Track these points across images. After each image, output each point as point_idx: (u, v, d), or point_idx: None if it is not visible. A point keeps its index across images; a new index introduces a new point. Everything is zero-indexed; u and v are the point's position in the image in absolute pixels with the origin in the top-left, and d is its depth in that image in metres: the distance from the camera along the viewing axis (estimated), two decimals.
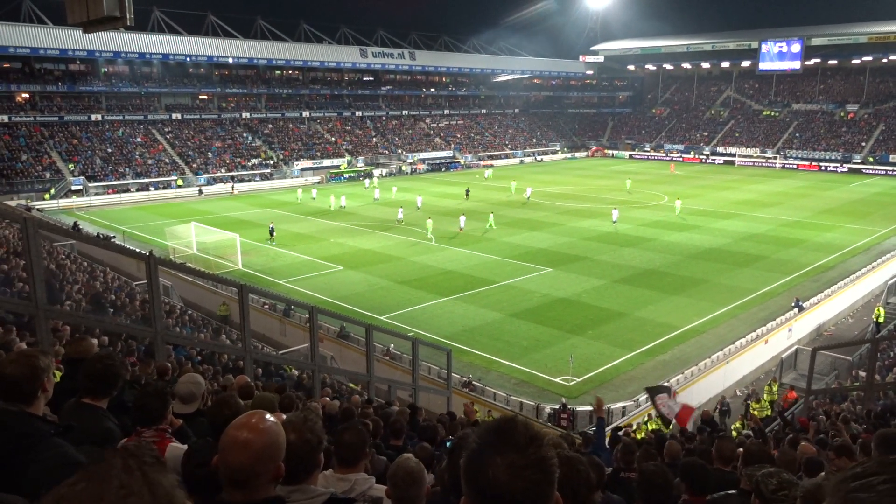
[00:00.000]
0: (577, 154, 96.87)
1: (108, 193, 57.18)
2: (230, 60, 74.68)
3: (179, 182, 61.97)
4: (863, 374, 17.04)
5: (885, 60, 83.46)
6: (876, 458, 1.00)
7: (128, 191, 58.66)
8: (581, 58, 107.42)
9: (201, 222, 39.88)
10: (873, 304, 28.91)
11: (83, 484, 1.16)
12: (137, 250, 24.94)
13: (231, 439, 2.05)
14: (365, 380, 14.48)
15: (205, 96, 76.61)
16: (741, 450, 5.41)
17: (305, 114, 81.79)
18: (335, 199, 51.63)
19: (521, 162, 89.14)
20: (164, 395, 3.62)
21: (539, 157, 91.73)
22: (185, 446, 3.53)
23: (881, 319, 25.68)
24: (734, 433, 14.94)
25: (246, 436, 2.04)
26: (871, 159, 75.20)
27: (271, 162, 71.07)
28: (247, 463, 2.01)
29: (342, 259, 35.31)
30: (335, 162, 74.97)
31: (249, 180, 66.19)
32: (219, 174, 65.53)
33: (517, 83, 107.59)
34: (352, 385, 17.26)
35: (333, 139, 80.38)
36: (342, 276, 32.50)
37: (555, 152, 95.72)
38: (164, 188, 60.71)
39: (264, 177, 67.79)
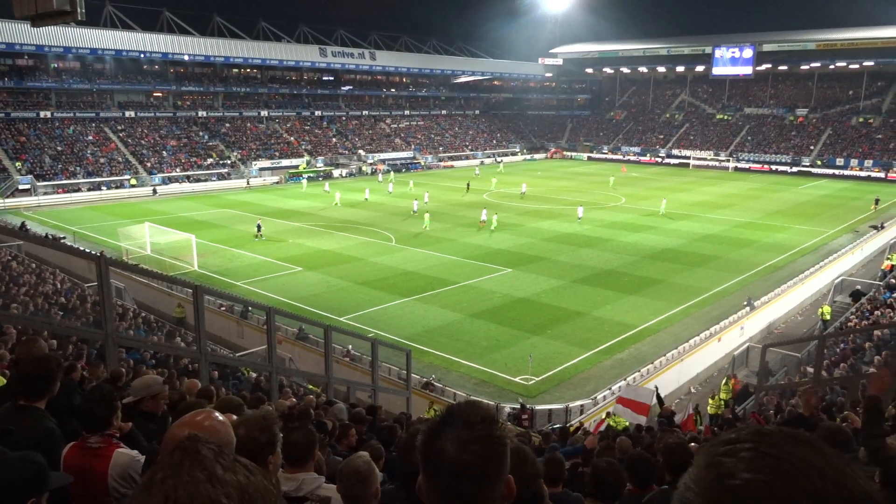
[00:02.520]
0: (537, 155, 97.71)
1: (58, 193, 55.51)
2: (186, 58, 73.22)
3: (133, 181, 60.54)
4: (810, 370, 17.58)
5: (832, 67, 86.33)
6: (754, 426, 1.03)
7: (79, 190, 57.04)
8: (540, 60, 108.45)
9: (156, 223, 39.05)
10: (821, 302, 29.84)
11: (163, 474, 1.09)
12: (88, 251, 24.30)
13: (172, 438, 2.00)
14: (323, 381, 14.37)
15: (159, 94, 75.01)
16: (693, 444, 5.53)
17: (264, 113, 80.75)
18: (339, 196, 53.36)
19: (482, 163, 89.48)
20: (110, 399, 3.53)
21: (499, 159, 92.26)
22: (135, 452, 3.45)
23: (827, 317, 26.51)
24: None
25: (187, 434, 1.99)
26: (819, 162, 77.70)
27: (228, 161, 69.96)
28: None
29: (301, 260, 34.95)
30: (294, 162, 74.19)
31: (206, 180, 65.02)
32: (174, 174, 64.23)
33: (477, 84, 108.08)
34: (311, 386, 17.11)
35: (292, 139, 79.53)
36: (301, 277, 32.18)
37: (514, 154, 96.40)
38: (117, 188, 59.23)
39: (221, 176, 66.68)
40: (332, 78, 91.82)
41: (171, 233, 36.90)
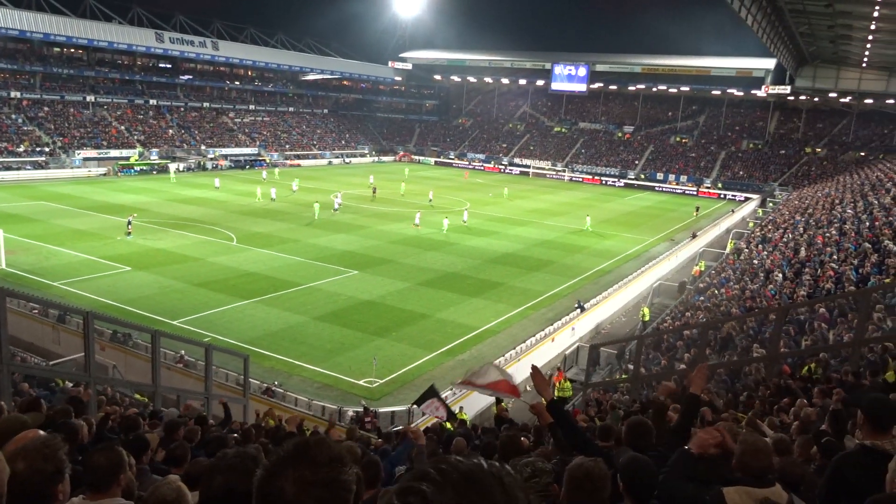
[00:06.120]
0: (385, 158, 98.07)
1: None
2: None
3: None
4: (631, 367, 19.06)
5: (654, 89, 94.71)
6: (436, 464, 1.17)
7: None
8: (390, 63, 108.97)
9: None
10: (642, 304, 32.52)
11: None
12: None
13: None
14: (151, 390, 13.39)
15: None
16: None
17: (90, 98, 74.14)
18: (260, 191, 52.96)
19: (330, 163, 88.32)
20: None
21: (347, 160, 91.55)
22: None
23: (647, 318, 28.94)
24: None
25: None
26: (642, 176, 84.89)
27: (47, 149, 63.40)
28: None
29: (130, 259, 32.45)
30: (125, 153, 68.77)
31: (18, 169, 58.48)
32: None
33: (327, 83, 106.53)
34: (138, 396, 15.89)
35: (123, 128, 73.71)
36: (130, 277, 29.88)
37: (363, 155, 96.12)
38: None
39: (38, 165, 60.29)
40: (169, 66, 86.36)
41: None
